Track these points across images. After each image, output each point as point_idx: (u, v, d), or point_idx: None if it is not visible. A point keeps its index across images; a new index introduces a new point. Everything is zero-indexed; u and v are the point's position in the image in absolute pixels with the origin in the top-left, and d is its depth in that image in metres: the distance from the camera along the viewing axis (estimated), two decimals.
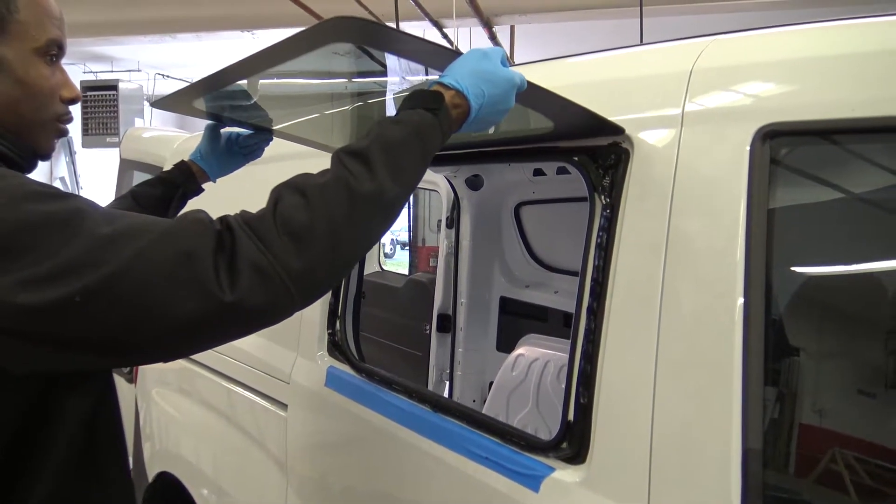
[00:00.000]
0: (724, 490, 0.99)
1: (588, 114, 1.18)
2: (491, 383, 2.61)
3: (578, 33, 6.49)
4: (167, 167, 1.69)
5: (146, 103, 10.39)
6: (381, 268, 4.68)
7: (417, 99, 1.01)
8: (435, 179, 2.80)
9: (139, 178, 3.80)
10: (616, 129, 1.22)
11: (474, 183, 2.62)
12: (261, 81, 1.39)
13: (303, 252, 0.86)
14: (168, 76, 10.00)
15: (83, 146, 7.69)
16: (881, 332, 1.02)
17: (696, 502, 1.03)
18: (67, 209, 0.83)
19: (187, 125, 11.20)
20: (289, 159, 2.10)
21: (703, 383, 1.04)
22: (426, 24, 5.70)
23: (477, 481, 1.34)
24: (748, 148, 1.05)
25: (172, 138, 3.53)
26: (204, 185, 1.68)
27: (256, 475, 2.05)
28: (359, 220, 0.91)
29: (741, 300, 1.02)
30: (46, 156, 1.07)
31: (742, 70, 1.12)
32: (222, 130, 1.68)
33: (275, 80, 1.39)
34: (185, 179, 1.59)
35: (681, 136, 1.15)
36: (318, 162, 1.02)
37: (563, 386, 1.26)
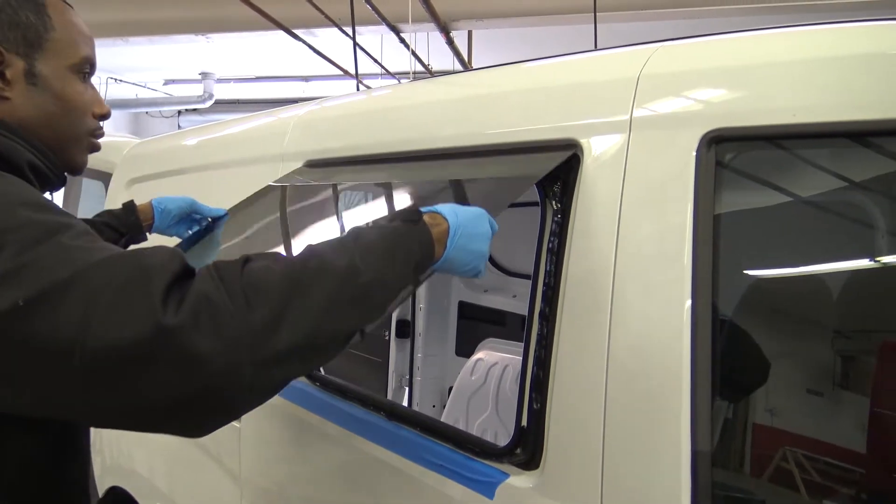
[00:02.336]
0: (674, 493, 1.00)
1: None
2: (451, 388, 2.60)
3: (537, 38, 6.55)
4: (113, 200, 1.68)
5: None
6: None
7: (396, 215, 1.01)
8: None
9: (88, 185, 3.72)
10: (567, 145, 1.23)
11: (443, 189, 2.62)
12: None
13: (261, 307, 0.76)
14: (121, 80, 9.82)
15: None
16: (827, 333, 1.04)
17: None
18: (56, 221, 0.80)
19: (140, 131, 11.02)
20: (233, 167, 2.07)
21: (652, 387, 1.05)
22: (383, 28, 5.68)
23: (431, 489, 1.33)
24: (694, 153, 1.07)
25: (122, 144, 3.45)
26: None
27: (210, 488, 2.01)
28: (329, 295, 0.82)
29: (689, 304, 1.03)
30: (79, 170, 1.08)
31: (688, 76, 1.14)
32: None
33: None
34: (131, 228, 1.59)
35: (629, 141, 1.16)
36: (261, 168, 1.01)
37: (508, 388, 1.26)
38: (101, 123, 1.10)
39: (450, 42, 6.23)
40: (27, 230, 0.77)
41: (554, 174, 1.25)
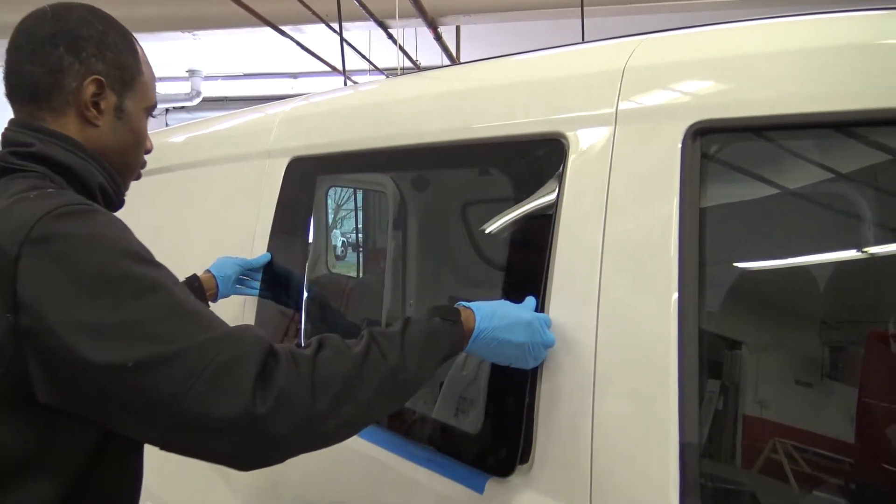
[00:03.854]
0: (663, 485, 1.00)
1: None
2: (441, 384, 2.60)
3: (525, 33, 6.54)
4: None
5: None
6: (330, 270, 4.61)
7: (437, 311, 1.12)
8: (381, 180, 2.78)
9: None
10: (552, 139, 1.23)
11: (420, 183, 2.61)
12: None
13: (323, 401, 0.92)
14: None
15: None
16: (814, 324, 1.04)
17: (637, 498, 1.04)
18: (155, 279, 0.91)
19: None
20: (218, 164, 2.06)
21: (640, 380, 1.05)
22: (371, 24, 5.66)
23: (421, 485, 1.33)
24: (680, 145, 1.07)
25: None
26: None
27: (202, 488, 2.00)
28: (374, 391, 0.98)
29: (675, 296, 1.03)
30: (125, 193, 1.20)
31: (673, 68, 1.14)
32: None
33: None
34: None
35: (615, 134, 1.16)
36: (246, 165, 1.01)
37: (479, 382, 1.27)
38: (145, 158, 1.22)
39: (438, 37, 6.21)
40: (128, 284, 0.89)
41: (540, 167, 1.25)
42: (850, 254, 1.03)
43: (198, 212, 2.26)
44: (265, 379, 0.88)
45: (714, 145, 1.06)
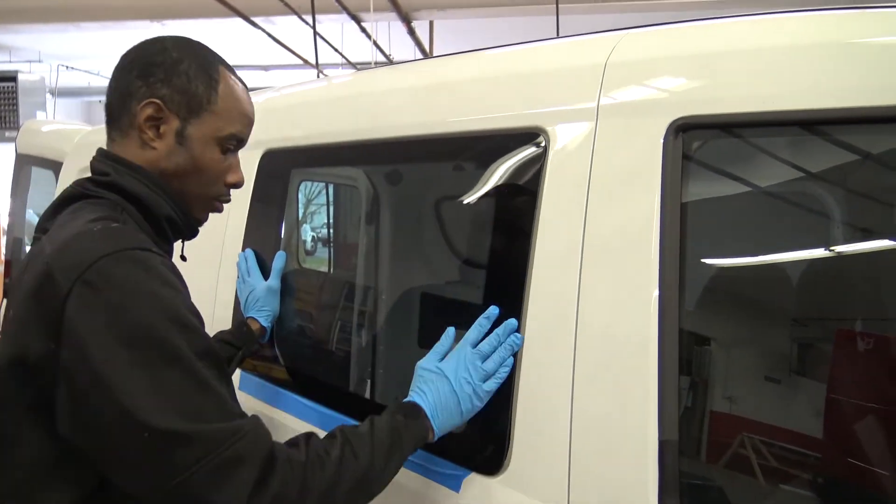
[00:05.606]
0: (642, 482, 1.00)
1: None
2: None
3: (498, 29, 6.53)
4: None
5: (49, 95, 9.87)
6: (300, 265, 4.56)
7: (399, 407, 1.16)
8: (353, 175, 2.75)
9: (37, 174, 3.59)
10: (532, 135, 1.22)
11: (393, 178, 2.59)
12: None
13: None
14: (72, 67, 9.55)
15: None
16: (793, 321, 1.04)
17: (615, 495, 1.03)
18: (190, 350, 0.94)
19: (94, 120, 10.74)
20: None
21: (620, 377, 1.04)
22: (344, 17, 5.61)
23: (396, 483, 1.30)
24: (661, 141, 1.06)
25: (73, 132, 3.32)
26: None
27: None
28: (349, 491, 1.04)
29: (656, 293, 1.02)
30: (198, 225, 1.21)
31: (655, 64, 1.13)
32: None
33: None
34: (246, 341, 1.64)
35: (596, 129, 1.15)
36: None
37: None
38: (229, 191, 1.20)
39: (411, 32, 6.18)
40: (165, 350, 0.92)
41: (520, 162, 1.24)
42: (830, 251, 1.03)
43: None
44: (263, 483, 0.94)
45: (696, 141, 1.05)
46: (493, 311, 1.20)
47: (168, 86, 1.09)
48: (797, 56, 0.99)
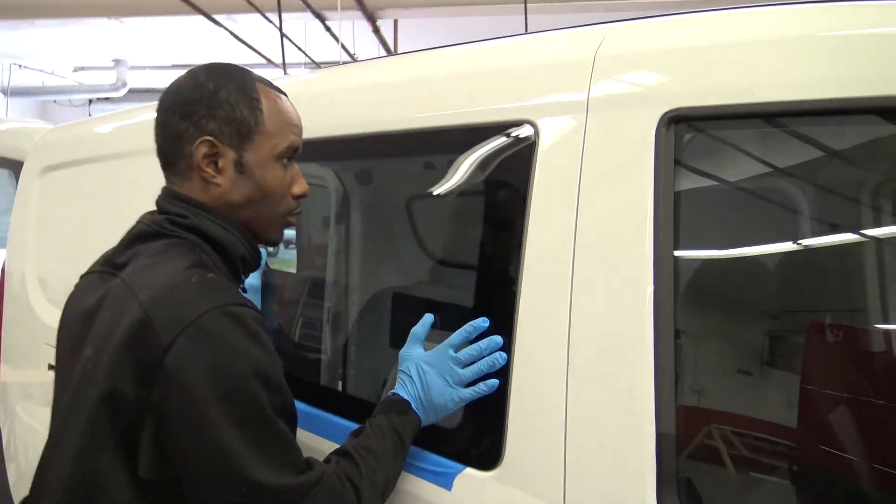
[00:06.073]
0: (639, 477, 0.99)
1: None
2: (385, 381, 2.55)
3: (464, 29, 6.53)
4: (25, 189, 1.57)
5: (1, 95, 9.58)
6: (268, 266, 4.49)
7: (388, 406, 1.20)
8: (321, 174, 2.71)
9: None
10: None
11: (363, 177, 2.55)
12: None
13: None
14: (25, 66, 9.29)
15: None
16: (792, 312, 1.05)
17: (613, 491, 1.02)
18: (270, 417, 0.98)
19: (48, 117, 10.47)
20: (152, 154, 1.96)
21: (615, 371, 1.04)
22: (308, 15, 5.55)
23: None
24: (654, 133, 1.06)
25: (33, 131, 3.23)
26: None
27: None
28: (381, 498, 1.12)
29: (651, 287, 1.02)
30: (275, 244, 1.24)
31: (645, 56, 1.13)
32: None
33: None
34: None
35: (587, 122, 1.14)
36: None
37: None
38: (299, 202, 1.20)
39: (376, 31, 6.15)
40: (255, 406, 0.96)
41: (509, 157, 1.23)
42: (826, 241, 1.04)
43: (126, 205, 2.14)
44: None
45: (688, 134, 1.05)
46: (482, 322, 1.20)
47: (214, 119, 1.08)
48: (793, 46, 1.00)
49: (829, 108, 0.95)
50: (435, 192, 1.55)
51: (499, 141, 1.25)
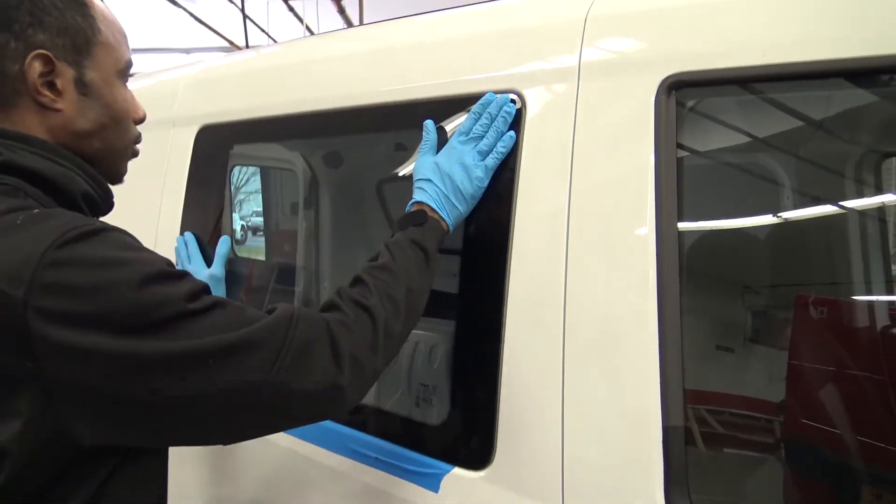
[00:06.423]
0: (645, 473, 0.91)
1: None
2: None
3: (433, 7, 6.39)
4: None
5: None
6: (235, 254, 4.35)
7: (407, 220, 1.11)
8: (289, 157, 2.59)
9: None
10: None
11: (332, 160, 2.45)
12: None
13: (377, 358, 0.94)
14: None
15: None
16: (803, 284, 0.97)
17: (617, 489, 0.94)
18: (190, 289, 0.81)
19: None
20: None
21: (617, 360, 0.95)
22: None
23: (366, 485, 1.19)
24: (653, 100, 0.97)
25: None
26: None
27: None
28: (403, 329, 1.00)
29: (654, 268, 0.93)
30: (121, 180, 1.03)
31: (642, 15, 1.03)
32: None
33: None
34: None
35: (578, 90, 1.05)
36: (147, 136, 0.90)
37: (435, 366, 1.15)
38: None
39: (341, 11, 5.99)
40: (168, 307, 0.78)
41: None
42: (836, 209, 0.96)
43: None
44: (337, 354, 0.88)
45: (691, 100, 0.97)
46: (490, 97, 1.13)
47: (43, 29, 0.88)
48: (804, 3, 0.91)
49: (857, 69, 0.86)
50: (396, 177, 1.45)
51: None
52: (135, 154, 1.03)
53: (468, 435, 1.11)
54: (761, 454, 1.00)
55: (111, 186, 1.00)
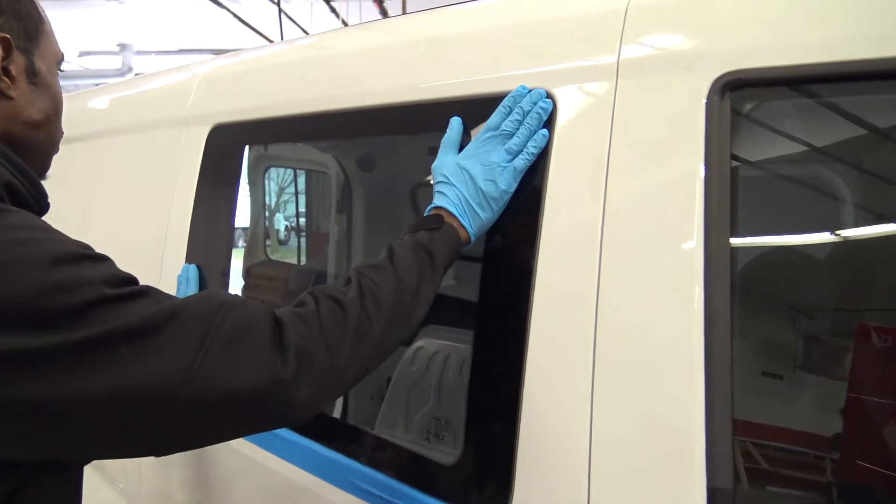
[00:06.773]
0: None
1: None
2: (389, 379, 2.37)
3: None
4: None
5: None
6: (268, 256, 4.29)
7: (419, 224, 1.02)
8: (323, 160, 2.53)
9: None
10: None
11: (365, 163, 2.37)
12: None
13: (340, 355, 0.84)
14: None
15: None
16: (867, 304, 0.83)
17: None
18: (107, 276, 0.72)
19: None
20: (133, 133, 1.77)
21: (654, 396, 0.82)
22: None
23: None
24: (704, 102, 0.84)
25: None
26: None
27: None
28: (384, 330, 0.90)
29: (700, 293, 0.80)
30: (44, 178, 0.94)
31: (693, 5, 0.90)
32: None
33: None
34: None
35: (616, 89, 0.93)
36: (162, 134, 0.76)
37: (466, 381, 1.04)
38: None
39: (383, 12, 5.94)
40: (81, 292, 0.69)
41: None
42: None
43: (105, 190, 1.95)
44: (280, 343, 0.78)
45: (748, 102, 0.83)
46: (522, 89, 1.01)
47: (1, 11, 0.83)
48: None
49: None
50: (429, 182, 1.34)
51: None
52: (57, 150, 0.97)
53: (483, 474, 0.99)
54: (809, 493, 0.86)
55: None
